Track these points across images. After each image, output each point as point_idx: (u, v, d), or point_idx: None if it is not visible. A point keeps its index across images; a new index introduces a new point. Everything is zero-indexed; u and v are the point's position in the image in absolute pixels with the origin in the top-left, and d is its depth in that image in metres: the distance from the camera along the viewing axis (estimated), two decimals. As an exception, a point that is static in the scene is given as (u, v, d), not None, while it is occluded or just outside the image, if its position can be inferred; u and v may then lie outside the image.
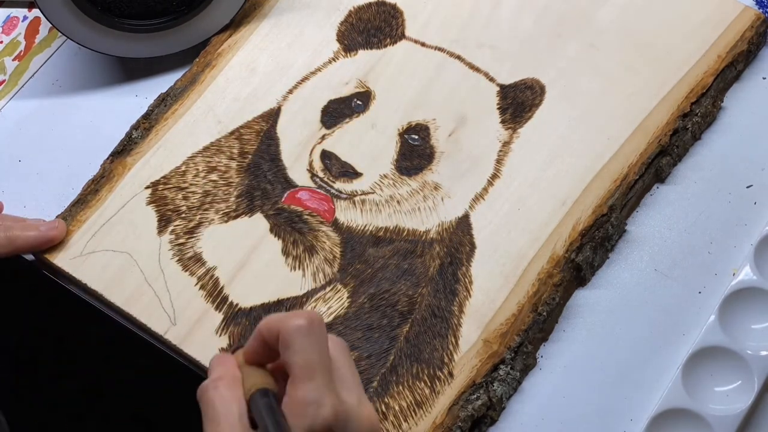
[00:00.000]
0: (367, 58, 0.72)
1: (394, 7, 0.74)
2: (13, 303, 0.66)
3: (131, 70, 0.77)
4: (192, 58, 0.75)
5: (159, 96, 0.73)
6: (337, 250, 0.65)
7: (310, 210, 0.67)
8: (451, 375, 0.60)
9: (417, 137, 0.69)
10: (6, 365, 0.65)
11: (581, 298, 0.64)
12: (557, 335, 0.64)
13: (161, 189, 0.68)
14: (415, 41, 0.73)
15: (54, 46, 0.80)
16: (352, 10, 0.75)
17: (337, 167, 0.68)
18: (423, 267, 0.64)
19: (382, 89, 0.71)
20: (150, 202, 0.68)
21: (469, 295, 0.63)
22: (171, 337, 0.63)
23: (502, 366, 0.61)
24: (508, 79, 0.71)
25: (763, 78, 0.71)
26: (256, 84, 0.72)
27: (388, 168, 0.68)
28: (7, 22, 0.83)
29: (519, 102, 0.70)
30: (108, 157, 0.71)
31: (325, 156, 0.68)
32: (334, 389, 0.48)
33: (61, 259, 0.66)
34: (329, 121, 0.70)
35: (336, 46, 0.73)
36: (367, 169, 0.68)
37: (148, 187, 0.68)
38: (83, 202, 0.68)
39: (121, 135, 0.71)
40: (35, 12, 0.82)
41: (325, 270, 0.65)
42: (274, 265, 0.65)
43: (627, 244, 0.66)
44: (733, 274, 0.64)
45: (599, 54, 0.71)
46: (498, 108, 0.69)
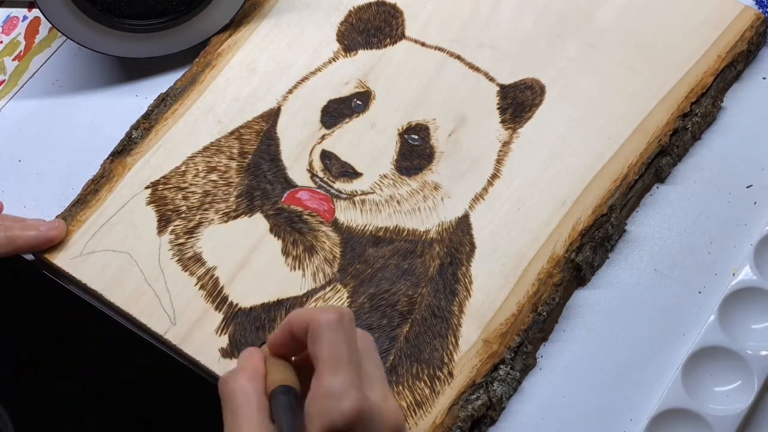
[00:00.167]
0: (367, 58, 0.72)
1: (394, 7, 0.74)
2: (13, 303, 0.66)
3: (131, 70, 0.77)
4: (192, 58, 0.75)
5: (159, 96, 0.73)
6: (337, 250, 0.65)
7: (310, 210, 0.67)
8: (451, 375, 0.60)
9: (417, 137, 0.69)
10: (6, 365, 0.65)
11: (581, 298, 0.64)
12: (557, 335, 0.64)
13: (161, 189, 0.68)
14: (415, 41, 0.73)
15: (54, 46, 0.80)
16: (352, 10, 0.75)
17: (337, 167, 0.68)
18: (423, 267, 0.64)
19: (382, 89, 0.71)
20: (150, 202, 0.68)
21: (469, 295, 0.63)
22: (171, 337, 0.63)
23: (502, 366, 0.61)
24: (508, 79, 0.71)
25: (763, 78, 0.71)
26: (256, 84, 0.72)
27: (388, 168, 0.68)
28: (7, 22, 0.83)
29: (519, 102, 0.70)
30: (108, 157, 0.71)
31: (325, 156, 0.68)
32: (359, 384, 0.48)
33: (60, 259, 0.66)
34: (329, 121, 0.70)
35: (336, 46, 0.73)
36: (367, 169, 0.68)
37: (148, 187, 0.68)
38: (83, 202, 0.68)
39: (121, 135, 0.71)
40: (35, 12, 0.82)
41: (325, 270, 0.65)
42: (274, 265, 0.65)
43: (627, 244, 0.66)
44: (733, 274, 0.64)
45: (599, 54, 0.71)
46: (498, 108, 0.69)
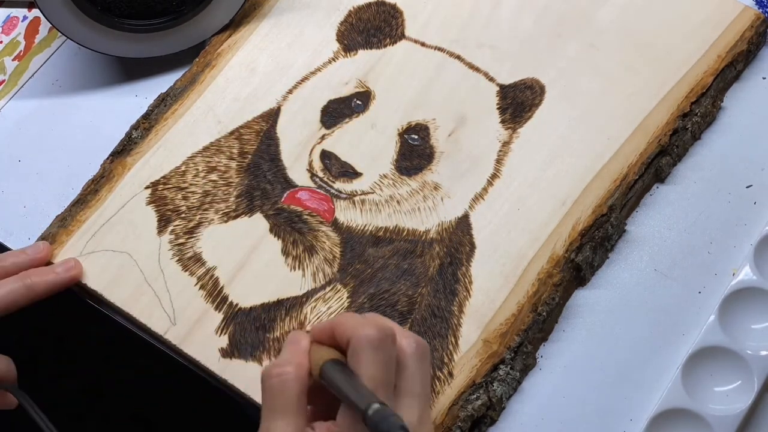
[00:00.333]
0: (366, 58, 0.72)
1: (394, 7, 0.74)
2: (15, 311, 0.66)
3: (131, 70, 0.77)
4: (192, 58, 0.75)
5: (159, 96, 0.73)
6: (336, 250, 0.65)
7: (310, 210, 0.67)
8: (450, 375, 0.60)
9: (417, 137, 0.69)
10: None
11: (581, 298, 0.64)
12: (557, 335, 0.64)
13: (161, 189, 0.68)
14: (415, 41, 0.73)
15: (54, 46, 0.80)
16: (352, 10, 0.75)
17: (336, 167, 0.68)
18: (423, 267, 0.64)
19: (381, 89, 0.71)
20: (150, 202, 0.68)
21: (469, 295, 0.63)
22: (171, 337, 0.63)
23: (501, 366, 0.61)
24: (508, 79, 0.71)
25: (763, 78, 0.71)
26: (256, 84, 0.72)
27: (388, 168, 0.68)
28: (7, 22, 0.83)
29: (519, 102, 0.70)
30: (108, 157, 0.71)
31: (325, 156, 0.68)
32: (392, 404, 0.49)
33: (60, 259, 0.66)
34: (329, 121, 0.70)
35: (336, 46, 0.73)
36: (366, 169, 0.68)
37: (147, 187, 0.68)
38: (83, 202, 0.68)
39: (121, 135, 0.71)
40: (35, 12, 0.82)
41: (324, 270, 0.65)
42: (274, 265, 0.65)
43: (627, 244, 0.66)
44: (733, 274, 0.64)
45: (599, 54, 0.71)
46: (498, 108, 0.69)
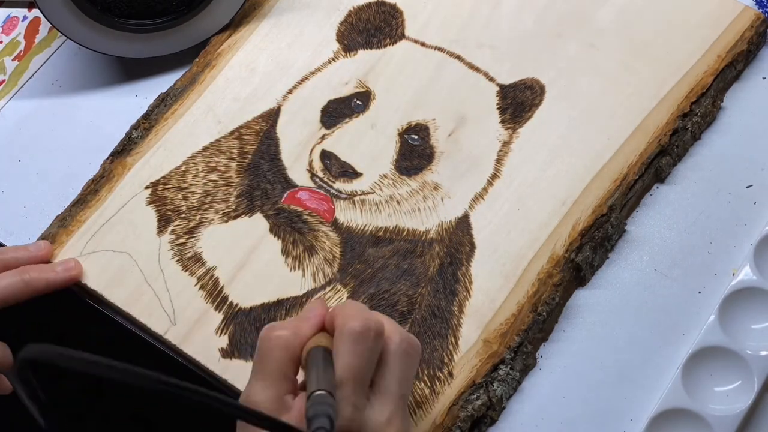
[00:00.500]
0: (366, 58, 0.72)
1: (394, 7, 0.74)
2: (14, 305, 0.66)
3: (131, 70, 0.77)
4: (192, 58, 0.75)
5: (159, 96, 0.73)
6: (336, 250, 0.65)
7: (310, 210, 0.67)
8: (450, 375, 0.60)
9: (417, 137, 0.69)
10: (6, 365, 0.65)
11: (581, 298, 0.64)
12: (557, 335, 0.64)
13: (161, 189, 0.68)
14: (415, 41, 0.73)
15: (54, 46, 0.80)
16: (352, 10, 0.75)
17: (336, 167, 0.68)
18: (423, 267, 0.64)
19: (381, 89, 0.71)
20: (150, 202, 0.68)
21: (469, 295, 0.63)
22: (171, 337, 0.63)
23: (501, 366, 0.61)
24: (507, 79, 0.71)
25: (763, 78, 0.71)
26: (256, 84, 0.72)
27: (388, 168, 0.68)
28: (7, 22, 0.83)
29: (519, 102, 0.70)
30: (108, 157, 0.71)
31: (325, 156, 0.68)
32: (361, 403, 0.49)
33: (61, 259, 0.66)
34: (329, 121, 0.70)
35: (336, 46, 0.73)
36: (366, 169, 0.68)
37: (147, 187, 0.68)
38: (83, 202, 0.68)
39: (121, 135, 0.71)
40: (35, 12, 0.82)
41: (324, 270, 0.65)
42: (274, 265, 0.65)
43: (627, 244, 0.66)
44: (733, 274, 0.64)
45: (599, 54, 0.71)
46: (498, 108, 0.69)
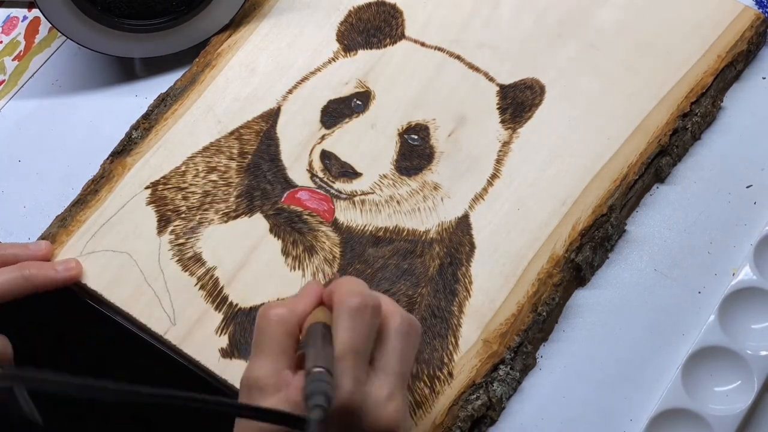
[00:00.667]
0: (366, 58, 0.72)
1: (394, 7, 0.74)
2: (14, 304, 0.66)
3: (131, 70, 0.77)
4: (192, 58, 0.75)
5: (159, 96, 0.73)
6: (336, 250, 0.65)
7: (310, 210, 0.67)
8: (450, 375, 0.60)
9: (417, 137, 0.69)
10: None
11: (581, 298, 0.64)
12: (557, 335, 0.64)
13: (161, 189, 0.68)
14: (415, 41, 0.73)
15: (54, 46, 0.80)
16: (352, 10, 0.75)
17: (336, 167, 0.68)
18: (423, 267, 0.64)
19: (381, 89, 0.71)
20: (150, 203, 0.68)
21: (469, 295, 0.63)
22: (171, 337, 0.63)
23: (501, 366, 0.61)
24: (507, 79, 0.71)
25: (763, 78, 0.71)
26: (256, 84, 0.72)
27: (388, 168, 0.68)
28: (7, 22, 0.83)
29: (519, 102, 0.70)
30: (108, 157, 0.71)
31: (325, 156, 0.68)
32: (362, 377, 0.49)
33: (61, 259, 0.66)
34: (329, 121, 0.70)
35: (336, 46, 0.73)
36: (366, 169, 0.68)
37: (147, 188, 0.68)
38: (83, 202, 0.68)
39: (120, 135, 0.71)
40: (35, 12, 0.82)
41: (324, 270, 0.65)
42: (274, 265, 0.65)
43: (627, 244, 0.66)
44: (733, 274, 0.64)
45: (599, 54, 0.71)
46: (498, 108, 0.69)
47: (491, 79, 0.71)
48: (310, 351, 0.48)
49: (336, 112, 0.70)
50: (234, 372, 0.61)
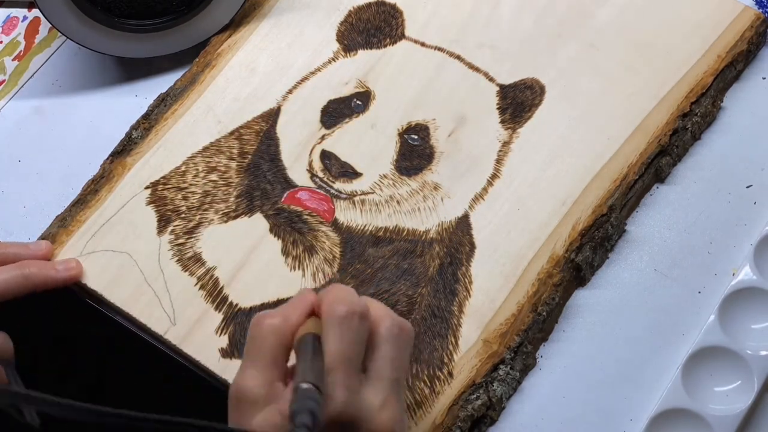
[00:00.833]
0: (366, 58, 0.72)
1: (393, 7, 0.74)
2: (14, 303, 0.66)
3: (131, 70, 0.77)
4: (192, 58, 0.75)
5: (159, 96, 0.73)
6: (336, 250, 0.65)
7: (310, 210, 0.67)
8: (450, 375, 0.60)
9: (417, 137, 0.69)
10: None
11: (581, 298, 0.64)
12: (557, 335, 0.64)
13: (161, 189, 0.68)
14: (415, 41, 0.73)
15: (54, 46, 0.80)
16: (352, 10, 0.75)
17: (336, 167, 0.68)
18: (423, 267, 0.64)
19: (381, 89, 0.71)
20: (150, 203, 0.68)
21: (469, 295, 0.63)
22: (171, 337, 0.63)
23: (501, 366, 0.61)
24: (507, 79, 0.71)
25: (763, 78, 0.71)
26: (256, 84, 0.72)
27: (388, 168, 0.68)
28: (7, 22, 0.83)
29: (519, 102, 0.70)
30: (108, 157, 0.71)
31: (325, 156, 0.68)
32: (354, 386, 0.48)
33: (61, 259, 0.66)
34: (329, 121, 0.70)
35: (336, 46, 0.73)
36: (366, 169, 0.68)
37: (147, 188, 0.68)
38: (83, 202, 0.68)
39: (120, 135, 0.71)
40: (35, 12, 0.82)
41: (324, 270, 0.65)
42: (274, 265, 0.65)
43: (627, 244, 0.66)
44: (733, 274, 0.64)
45: (599, 54, 0.71)
46: (498, 108, 0.69)
47: (491, 79, 0.71)
48: (299, 364, 0.48)
49: (336, 112, 0.70)
50: (234, 372, 0.61)
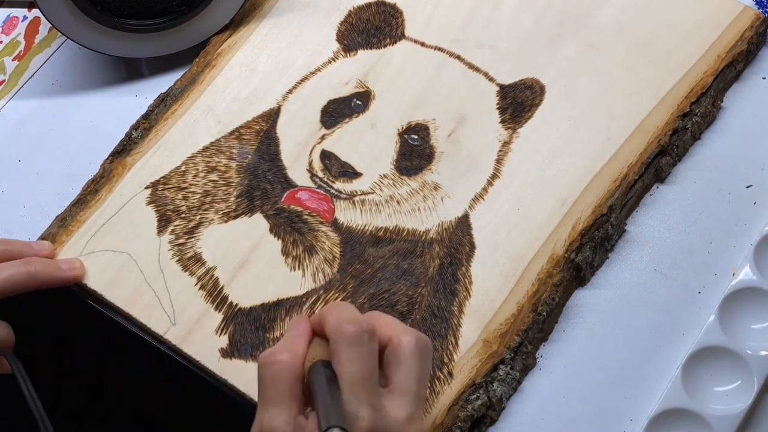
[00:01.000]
0: (366, 58, 0.72)
1: (394, 7, 0.74)
2: (14, 303, 0.66)
3: (131, 70, 0.77)
4: (192, 58, 0.75)
5: (159, 96, 0.73)
6: (336, 250, 0.65)
7: (310, 210, 0.67)
8: (450, 375, 0.60)
9: (417, 137, 0.69)
10: (6, 365, 0.65)
11: (581, 298, 0.64)
12: (557, 335, 0.64)
13: (161, 189, 0.68)
14: (415, 41, 0.73)
15: (54, 46, 0.80)
16: (352, 10, 0.75)
17: (336, 167, 0.68)
18: (423, 267, 0.64)
19: (381, 89, 0.71)
20: (150, 202, 0.68)
21: (469, 295, 0.63)
22: (171, 337, 0.63)
23: (501, 366, 0.61)
24: (507, 79, 0.71)
25: (763, 78, 0.71)
26: (256, 84, 0.72)
27: (388, 168, 0.68)
28: (7, 22, 0.83)
29: (519, 102, 0.70)
30: (108, 157, 0.71)
31: (325, 156, 0.68)
32: (377, 403, 0.49)
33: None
34: (329, 121, 0.70)
35: (336, 46, 0.73)
36: (366, 169, 0.68)
37: (147, 187, 0.68)
38: (83, 202, 0.68)
39: (121, 135, 0.71)
40: (35, 12, 0.82)
41: (324, 270, 0.65)
42: (274, 265, 0.65)
43: (627, 244, 0.66)
44: (733, 274, 0.64)
45: (599, 54, 0.71)
46: (498, 108, 0.69)
47: (491, 79, 0.71)
48: (319, 402, 0.48)
49: (336, 112, 0.70)
50: (234, 372, 0.61)
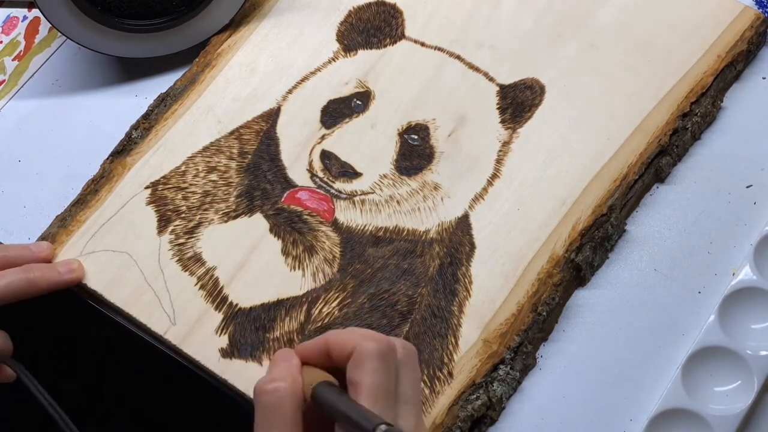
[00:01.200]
0: (366, 58, 0.72)
1: (394, 7, 0.74)
2: (14, 304, 0.66)
3: (131, 70, 0.77)
4: (192, 58, 0.75)
5: (159, 96, 0.73)
6: (336, 250, 0.65)
7: (310, 210, 0.67)
8: (450, 375, 0.60)
9: (417, 137, 0.69)
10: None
11: (581, 298, 0.65)
12: (557, 335, 0.64)
13: (161, 189, 0.68)
14: (415, 41, 0.73)
15: (54, 46, 0.80)
16: (352, 10, 0.75)
17: (336, 167, 0.68)
18: (423, 267, 0.64)
19: (381, 89, 0.71)
20: (150, 202, 0.68)
21: (469, 295, 0.63)
22: (171, 337, 0.63)
23: (501, 366, 0.61)
24: (507, 79, 0.71)
25: (763, 78, 0.71)
26: (256, 84, 0.72)
27: (388, 168, 0.68)
28: (7, 22, 0.83)
29: (519, 102, 0.70)
30: (108, 157, 0.71)
31: (325, 156, 0.68)
32: (393, 414, 0.50)
33: (61, 260, 0.66)
34: (329, 121, 0.70)
35: (336, 46, 0.73)
36: (366, 169, 0.68)
37: (147, 187, 0.68)
38: (83, 202, 0.68)
39: (121, 135, 0.71)
40: (35, 12, 0.82)
41: (324, 270, 0.65)
42: (274, 265, 0.65)
43: (627, 244, 0.66)
44: (733, 274, 0.64)
45: (599, 54, 0.71)
46: (498, 108, 0.70)
47: (491, 79, 0.71)
48: (348, 411, 0.48)
49: (336, 112, 0.70)
50: (233, 372, 0.61)
